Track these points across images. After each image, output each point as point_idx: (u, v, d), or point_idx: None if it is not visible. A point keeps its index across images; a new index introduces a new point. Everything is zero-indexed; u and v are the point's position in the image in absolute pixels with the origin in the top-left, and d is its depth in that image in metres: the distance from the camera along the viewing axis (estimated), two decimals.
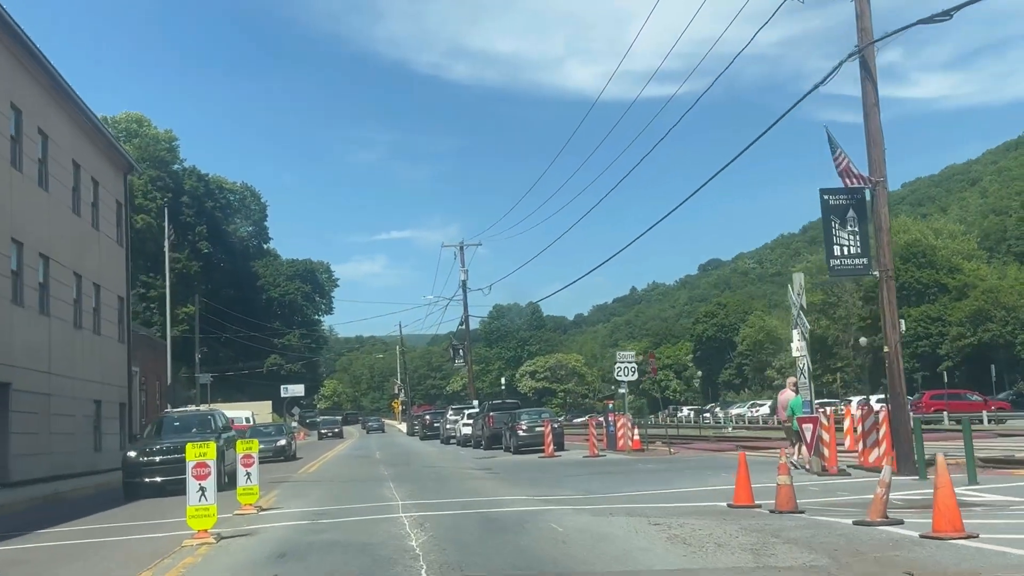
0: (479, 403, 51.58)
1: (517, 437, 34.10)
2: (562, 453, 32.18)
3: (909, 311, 79.99)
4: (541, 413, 35.76)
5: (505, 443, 36.59)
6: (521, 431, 34.04)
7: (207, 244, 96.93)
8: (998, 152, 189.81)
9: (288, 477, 26.51)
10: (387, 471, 27.29)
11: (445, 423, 50.25)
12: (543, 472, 24.48)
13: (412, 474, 26.04)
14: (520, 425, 34.21)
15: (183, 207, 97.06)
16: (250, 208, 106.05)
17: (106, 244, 36.05)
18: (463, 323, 58.57)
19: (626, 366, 31.15)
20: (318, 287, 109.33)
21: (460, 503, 16.36)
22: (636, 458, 28.42)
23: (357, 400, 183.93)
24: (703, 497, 15.45)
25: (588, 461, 28.22)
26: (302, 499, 18.88)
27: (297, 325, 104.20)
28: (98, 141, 35.72)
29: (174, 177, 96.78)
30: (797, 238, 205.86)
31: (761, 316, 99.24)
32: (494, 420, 38.32)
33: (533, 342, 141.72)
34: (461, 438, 44.98)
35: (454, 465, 29.64)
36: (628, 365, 31.18)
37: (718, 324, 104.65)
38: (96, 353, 33.79)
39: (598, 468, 24.64)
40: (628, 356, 31.50)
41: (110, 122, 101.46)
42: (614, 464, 26.12)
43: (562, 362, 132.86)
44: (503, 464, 28.86)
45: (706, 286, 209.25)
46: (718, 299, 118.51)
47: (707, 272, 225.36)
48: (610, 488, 17.94)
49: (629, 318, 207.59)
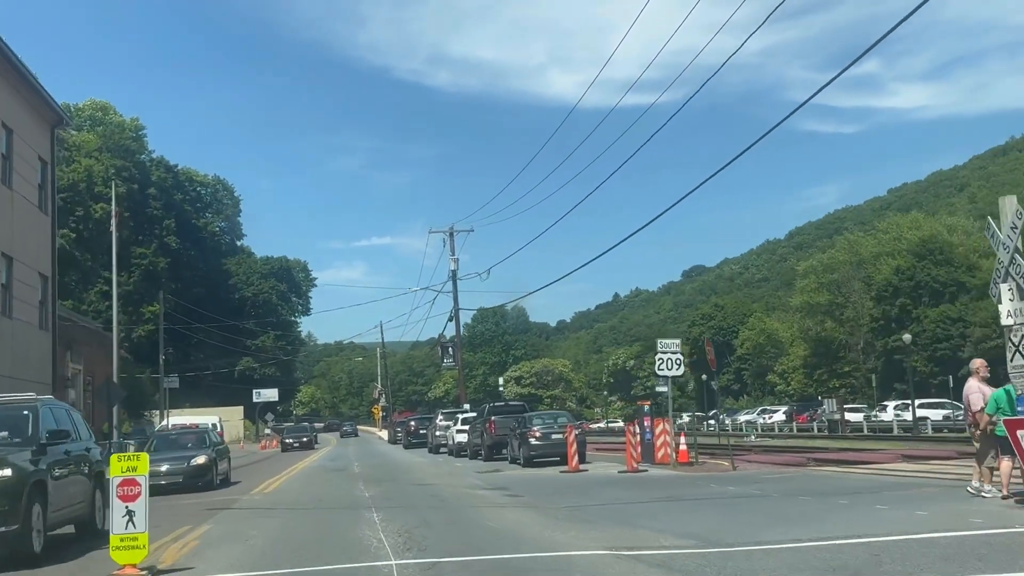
0: (474, 407, 44.55)
1: (529, 446, 27.08)
2: (586, 466, 25.22)
3: (926, 311, 73.67)
4: (558, 417, 28.70)
5: (511, 453, 29.60)
6: (534, 439, 27.02)
7: (175, 239, 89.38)
8: (985, 158, 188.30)
9: (233, 501, 19.41)
10: (368, 491, 20.30)
11: (434, 430, 42.97)
12: (582, 495, 17.57)
13: (402, 496, 19.05)
14: (533, 432, 27.19)
15: (150, 199, 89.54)
16: (222, 202, 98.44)
17: (22, 207, 28.74)
18: (453, 317, 51.54)
19: (670, 358, 24.23)
20: (294, 286, 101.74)
21: (489, 555, 9.53)
22: (692, 474, 21.54)
23: (336, 407, 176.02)
24: (937, 550, 8.53)
25: (631, 479, 21.30)
26: (235, 547, 11.81)
27: (272, 326, 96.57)
28: (16, 83, 28.52)
29: (140, 168, 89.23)
30: (783, 244, 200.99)
31: (761, 318, 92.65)
32: (497, 426, 31.28)
33: (518, 346, 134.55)
34: (454, 447, 37.87)
35: (454, 483, 22.61)
36: (672, 357, 24.26)
37: (715, 327, 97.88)
38: (4, 340, 26.52)
39: (660, 490, 17.70)
40: (671, 345, 24.56)
41: (73, 110, 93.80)
42: (673, 484, 19.19)
43: (548, 367, 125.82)
44: (518, 482, 21.90)
45: (691, 292, 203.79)
46: (715, 300, 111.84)
47: (691, 278, 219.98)
48: (734, 530, 11.01)
49: (613, 324, 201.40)
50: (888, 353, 76.31)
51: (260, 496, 20.75)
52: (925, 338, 72.86)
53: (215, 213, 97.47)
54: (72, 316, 46.03)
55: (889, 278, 75.41)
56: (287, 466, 35.48)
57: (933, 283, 73.75)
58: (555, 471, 24.77)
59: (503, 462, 30.05)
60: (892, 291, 75.22)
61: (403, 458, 38.45)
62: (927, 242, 76.07)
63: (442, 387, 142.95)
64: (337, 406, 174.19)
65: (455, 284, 51.17)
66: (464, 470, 27.58)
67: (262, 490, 22.47)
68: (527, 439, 27.21)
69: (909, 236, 78.93)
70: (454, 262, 50.85)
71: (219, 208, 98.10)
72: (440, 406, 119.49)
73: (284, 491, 21.99)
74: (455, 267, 50.91)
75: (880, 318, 77.17)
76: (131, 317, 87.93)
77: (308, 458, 42.37)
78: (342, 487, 22.47)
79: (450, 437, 38.97)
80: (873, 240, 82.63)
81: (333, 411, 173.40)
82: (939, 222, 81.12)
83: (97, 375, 49.36)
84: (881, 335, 77.53)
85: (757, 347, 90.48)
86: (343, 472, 29.76)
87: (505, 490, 19.57)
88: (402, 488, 21.30)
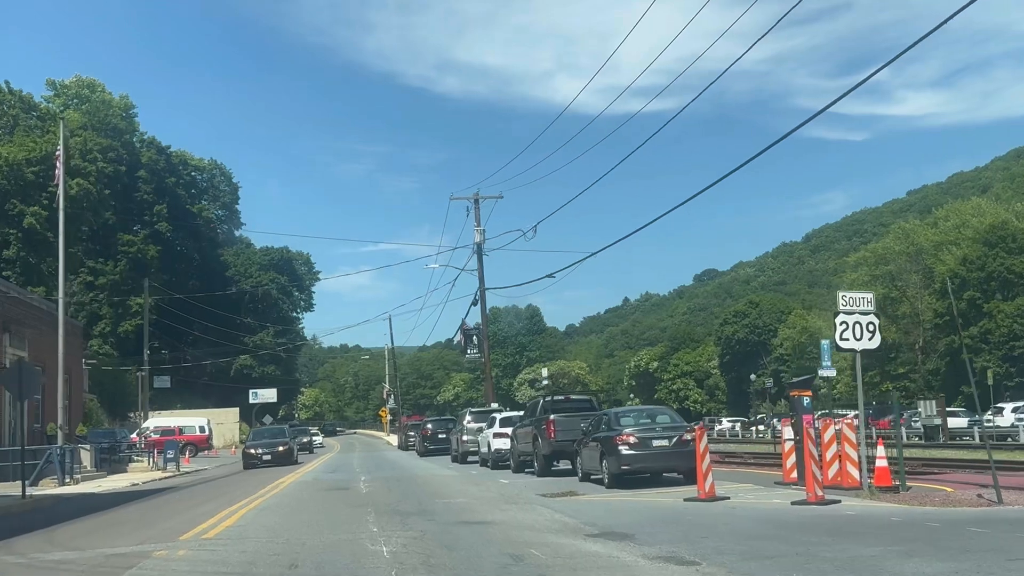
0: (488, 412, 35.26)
1: (619, 458, 17.72)
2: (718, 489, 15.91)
3: (1000, 305, 64.38)
4: (656, 415, 19.21)
5: (582, 467, 20.33)
6: (627, 447, 17.71)
7: (167, 225, 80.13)
8: (1008, 158, 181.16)
9: (164, 544, 10.16)
10: (390, 537, 11.07)
11: (460, 433, 33.39)
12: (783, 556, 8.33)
13: (454, 553, 9.79)
14: (624, 437, 17.85)
15: (139, 182, 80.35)
16: (219, 188, 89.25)
17: None
18: (477, 300, 42.22)
19: (858, 321, 15.02)
20: (296, 279, 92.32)
21: None
22: (927, 509, 12.33)
23: (341, 410, 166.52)
24: None
25: (830, 519, 11.99)
26: None
27: (272, 321, 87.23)
28: None
29: (129, 148, 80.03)
30: (800, 246, 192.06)
31: (802, 315, 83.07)
32: (559, 428, 21.93)
33: (533, 348, 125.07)
34: (491, 456, 28.38)
35: (526, 521, 13.19)
36: (863, 320, 15.06)
37: (750, 325, 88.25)
38: None
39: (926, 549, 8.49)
40: (862, 302, 15.27)
41: (58, 87, 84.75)
42: (932, 536, 9.90)
43: (565, 369, 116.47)
44: (630, 518, 12.59)
45: (705, 295, 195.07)
46: (750, 297, 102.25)
47: (703, 282, 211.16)
48: None
49: (625, 328, 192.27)
50: (954, 352, 66.88)
51: (190, 549, 11.37)
52: (999, 336, 63.59)
53: (211, 199, 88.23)
54: (14, 290, 36.78)
55: (955, 268, 66.09)
56: (272, 479, 26.21)
57: (1007, 273, 64.44)
58: (669, 497, 15.60)
59: (566, 478, 20.80)
60: (959, 283, 65.86)
61: (424, 471, 29.07)
62: (995, 229, 66.80)
63: (451, 390, 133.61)
64: (342, 410, 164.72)
65: (480, 260, 41.93)
66: (521, 493, 18.22)
67: (202, 531, 13.12)
68: (615, 447, 17.87)
69: (975, 223, 69.62)
70: (479, 233, 41.56)
71: (216, 194, 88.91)
72: (449, 410, 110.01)
73: (241, 535, 12.61)
74: (481, 239, 41.61)
75: (944, 313, 67.76)
76: (117, 310, 78.58)
77: (300, 470, 32.99)
78: (343, 526, 13.16)
79: (484, 443, 29.55)
80: (932, 229, 73.27)
81: (338, 415, 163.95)
82: (1006, 208, 71.80)
83: (48, 364, 40.15)
84: (945, 332, 68.18)
85: (798, 347, 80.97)
86: (346, 492, 20.46)
87: (628, 539, 10.34)
88: (446, 531, 11.97)
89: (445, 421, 44.83)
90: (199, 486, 26.50)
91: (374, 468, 31.96)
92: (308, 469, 33.26)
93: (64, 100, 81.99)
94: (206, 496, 21.49)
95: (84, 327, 75.05)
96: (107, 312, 77.36)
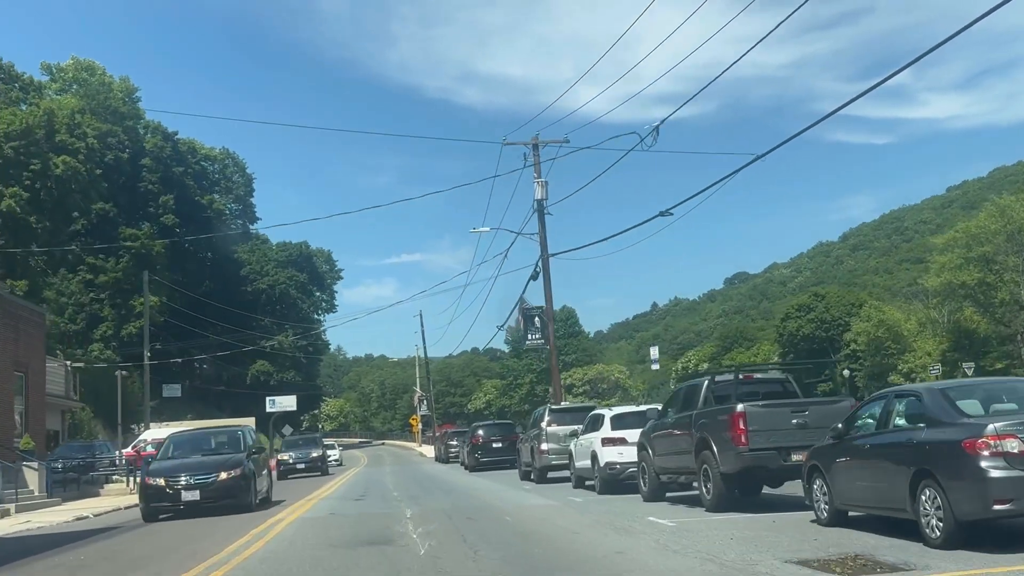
0: (512, 423, 25.53)
1: (988, 488, 7.82)
2: None
3: None
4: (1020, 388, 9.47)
5: (840, 498, 10.39)
6: (1000, 465, 7.80)
7: (174, 218, 70.75)
8: None
9: None
10: None
11: (539, 441, 23.08)
12: None
13: None
14: (993, 441, 7.95)
15: (143, 171, 71.07)
16: (232, 180, 79.84)
17: None
18: (538, 271, 32.38)
19: None
20: (316, 278, 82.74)
21: None
22: None
23: (367, 421, 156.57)
24: None
25: None
26: None
27: (292, 322, 77.63)
28: None
29: (131, 134, 70.80)
30: (837, 246, 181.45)
31: (879, 307, 72.56)
32: (754, 427, 11.93)
33: (568, 351, 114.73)
34: (598, 475, 18.35)
35: None
36: None
37: (816, 319, 77.82)
38: None
39: None
40: None
41: (54, 71, 75.75)
42: None
43: (603, 373, 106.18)
44: None
45: (739, 297, 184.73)
46: (815, 290, 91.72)
47: (734, 285, 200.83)
48: None
49: (656, 332, 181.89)
50: None
51: None
52: None
53: (224, 192, 78.85)
54: None
55: None
56: (274, 513, 16.36)
57: None
58: None
59: (762, 514, 10.93)
60: None
61: (497, 497, 19.03)
62: None
63: (483, 397, 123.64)
64: (368, 420, 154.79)
65: (542, 220, 32.02)
66: (748, 559, 8.27)
67: None
68: (972, 465, 7.96)
69: None
70: (541, 187, 31.66)
71: (228, 186, 79.52)
72: (480, 418, 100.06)
73: None
74: (543, 195, 31.71)
75: None
76: (119, 311, 69.24)
77: (316, 492, 23.06)
78: None
79: (583, 454, 19.39)
80: None
81: (364, 426, 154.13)
82: None
83: (32, 370, 30.70)
84: None
85: (874, 342, 70.52)
86: (384, 550, 10.63)
87: None
88: None
89: (501, 426, 34.98)
90: (162, 523, 16.82)
91: (418, 491, 22.07)
92: (325, 492, 23.37)
93: (61, 85, 72.95)
94: (150, 548, 11.73)
95: (80, 327, 66.51)
96: (109, 314, 68.00)
